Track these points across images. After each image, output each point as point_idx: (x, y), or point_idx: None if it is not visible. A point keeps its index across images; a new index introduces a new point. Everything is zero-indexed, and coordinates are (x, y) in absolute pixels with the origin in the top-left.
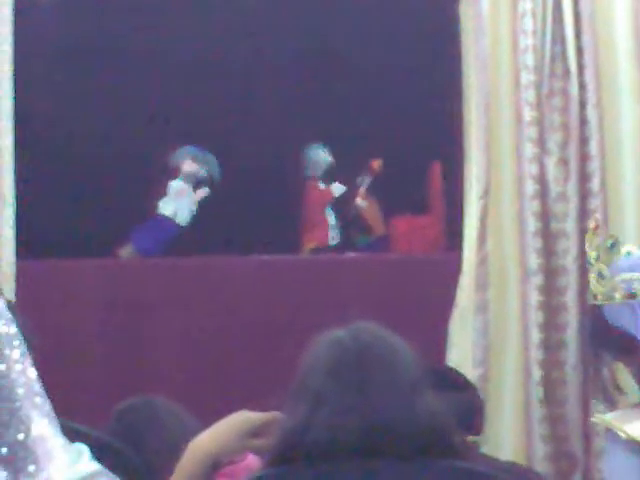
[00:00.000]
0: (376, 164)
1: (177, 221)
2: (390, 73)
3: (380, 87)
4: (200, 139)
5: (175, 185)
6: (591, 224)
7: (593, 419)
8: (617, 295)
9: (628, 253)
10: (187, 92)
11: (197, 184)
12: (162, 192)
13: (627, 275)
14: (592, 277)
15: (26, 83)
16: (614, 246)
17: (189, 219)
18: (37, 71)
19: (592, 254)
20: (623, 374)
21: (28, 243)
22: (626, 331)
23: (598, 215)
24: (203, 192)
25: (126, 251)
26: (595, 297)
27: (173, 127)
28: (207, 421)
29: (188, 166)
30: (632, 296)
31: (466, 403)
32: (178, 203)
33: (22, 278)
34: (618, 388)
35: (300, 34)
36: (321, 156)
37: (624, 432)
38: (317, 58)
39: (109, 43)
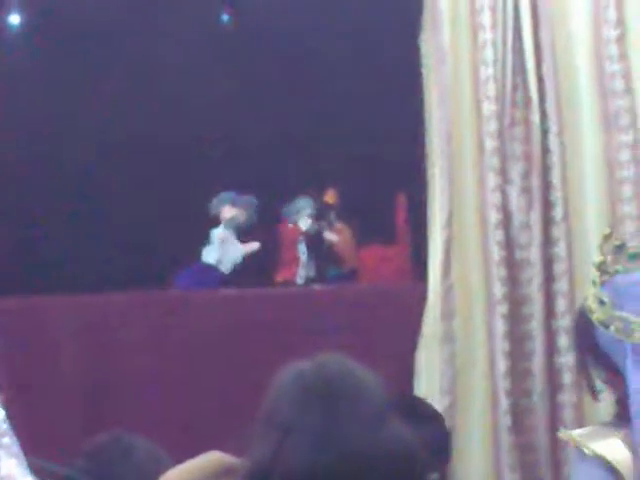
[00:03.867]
0: (330, 195)
1: (221, 269)
2: (354, 105)
3: (343, 120)
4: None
5: (217, 233)
6: (605, 231)
7: (559, 434)
8: (612, 328)
9: (633, 255)
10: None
11: (238, 229)
12: (201, 237)
13: (625, 314)
14: (592, 294)
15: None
16: (621, 248)
17: (231, 267)
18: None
19: (600, 259)
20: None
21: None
22: (613, 362)
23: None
24: (254, 245)
25: None
26: (590, 310)
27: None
28: (179, 457)
29: (228, 212)
30: (627, 336)
31: (432, 437)
32: (222, 251)
33: None
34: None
35: (270, 67)
36: (307, 209)
37: (588, 448)
38: (288, 96)
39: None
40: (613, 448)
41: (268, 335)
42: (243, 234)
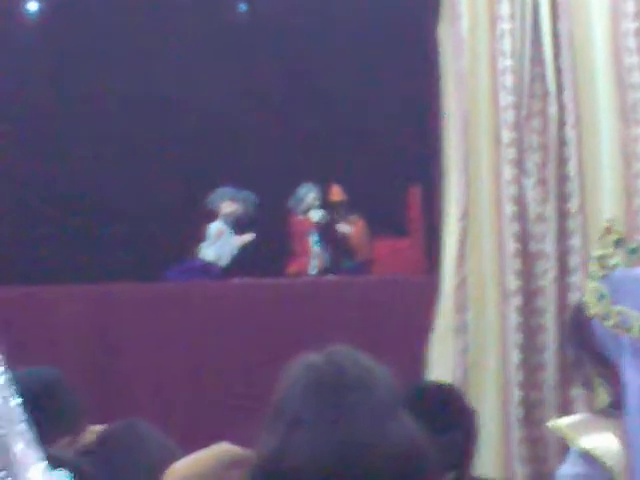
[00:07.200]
0: (334, 193)
1: (219, 264)
2: (370, 98)
3: (358, 112)
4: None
5: (215, 227)
6: (604, 224)
7: (548, 424)
8: (610, 322)
9: (633, 249)
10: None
11: (236, 223)
12: (194, 231)
13: (624, 309)
14: (590, 288)
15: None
16: (620, 242)
17: (228, 261)
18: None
19: (600, 253)
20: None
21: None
22: (608, 357)
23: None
24: (249, 237)
25: None
26: (588, 305)
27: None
28: (185, 446)
29: (227, 207)
30: (625, 330)
31: (456, 435)
32: (219, 246)
33: None
34: (590, 385)
35: (286, 66)
36: (309, 196)
37: (576, 442)
38: (301, 89)
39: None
40: (602, 441)
41: (279, 325)
42: (243, 228)
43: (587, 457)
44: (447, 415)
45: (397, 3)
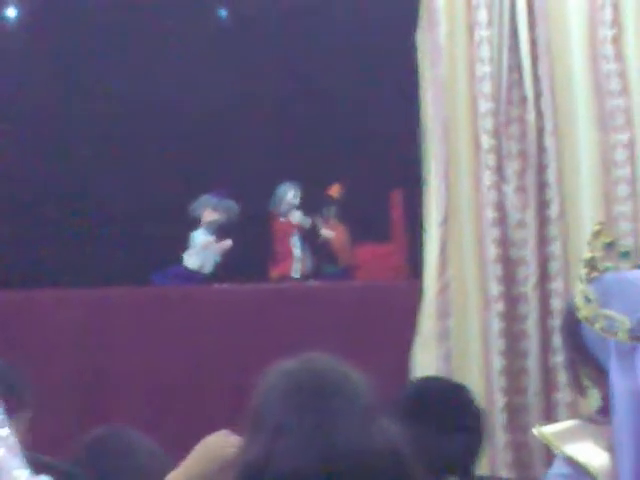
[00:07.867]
0: (335, 190)
1: (202, 272)
2: (350, 102)
3: (339, 117)
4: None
5: (198, 237)
6: (595, 227)
7: (533, 430)
8: (597, 326)
9: (625, 253)
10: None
11: (218, 231)
12: (178, 236)
13: (611, 313)
14: (579, 291)
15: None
16: (612, 245)
17: (212, 268)
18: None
19: (589, 256)
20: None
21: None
22: (598, 360)
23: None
24: (227, 244)
25: None
26: (577, 308)
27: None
28: (180, 449)
29: (209, 216)
30: (612, 334)
31: (464, 441)
32: (203, 255)
33: None
34: (581, 388)
35: (278, 69)
36: (288, 195)
37: (559, 449)
38: (288, 93)
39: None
40: (586, 449)
41: (264, 331)
42: (225, 234)
43: (571, 463)
44: (453, 414)
45: (375, 10)
